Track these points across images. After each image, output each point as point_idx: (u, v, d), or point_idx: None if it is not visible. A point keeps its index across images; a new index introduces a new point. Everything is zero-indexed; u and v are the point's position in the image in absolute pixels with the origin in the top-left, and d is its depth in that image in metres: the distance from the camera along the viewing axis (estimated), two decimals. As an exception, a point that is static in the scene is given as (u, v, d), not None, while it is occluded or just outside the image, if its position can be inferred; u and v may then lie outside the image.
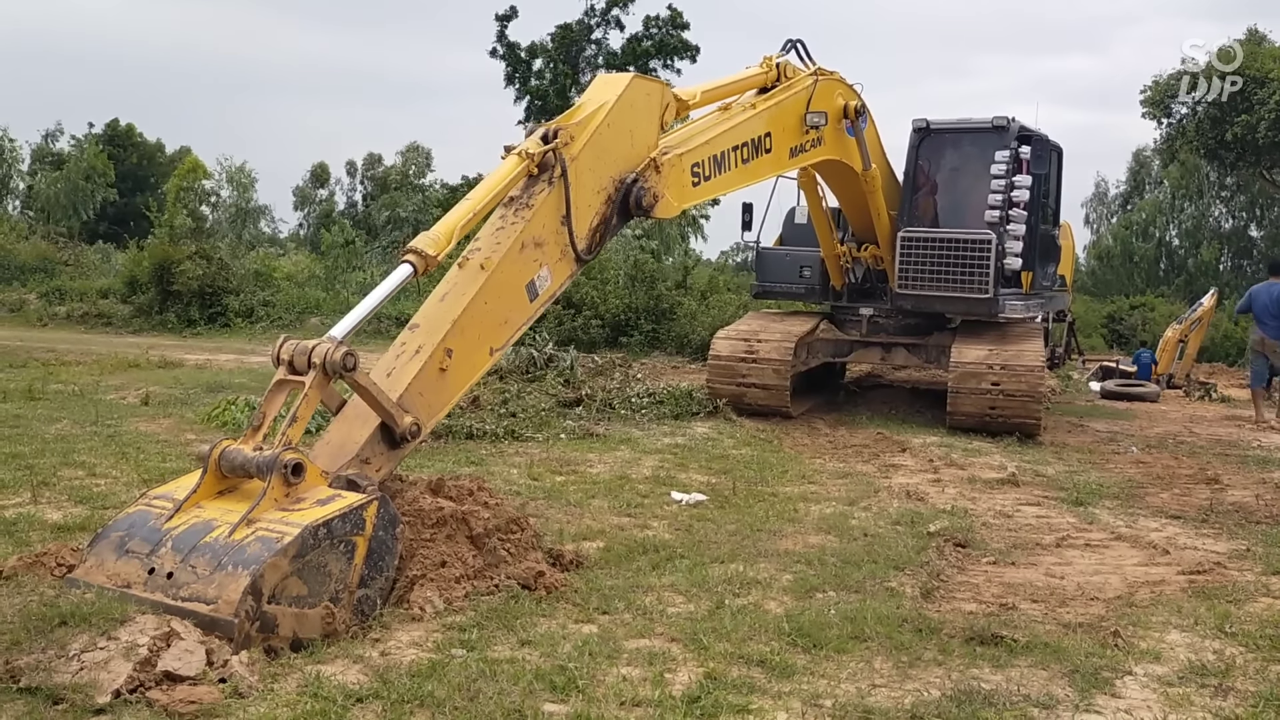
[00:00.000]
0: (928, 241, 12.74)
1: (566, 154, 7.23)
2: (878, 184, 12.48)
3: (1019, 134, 12.63)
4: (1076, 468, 10.63)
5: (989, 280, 12.37)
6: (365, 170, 58.83)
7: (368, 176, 58.54)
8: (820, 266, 14.09)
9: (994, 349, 12.22)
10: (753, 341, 12.95)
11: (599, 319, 20.86)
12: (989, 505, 8.68)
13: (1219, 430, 13.43)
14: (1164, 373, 29.66)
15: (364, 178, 59.09)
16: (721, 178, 9.35)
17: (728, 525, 7.63)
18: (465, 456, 9.74)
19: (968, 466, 10.41)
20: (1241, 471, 10.62)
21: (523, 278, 7.05)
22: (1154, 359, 29.79)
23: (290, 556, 4.96)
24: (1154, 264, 64.30)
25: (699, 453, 10.63)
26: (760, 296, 15.12)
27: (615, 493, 8.55)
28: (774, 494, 8.82)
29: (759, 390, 12.77)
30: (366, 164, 58.78)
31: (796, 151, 10.73)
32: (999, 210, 12.32)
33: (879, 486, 9.26)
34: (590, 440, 10.99)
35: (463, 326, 6.56)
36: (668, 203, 8.47)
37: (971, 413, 12.08)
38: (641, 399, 12.96)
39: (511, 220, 7.10)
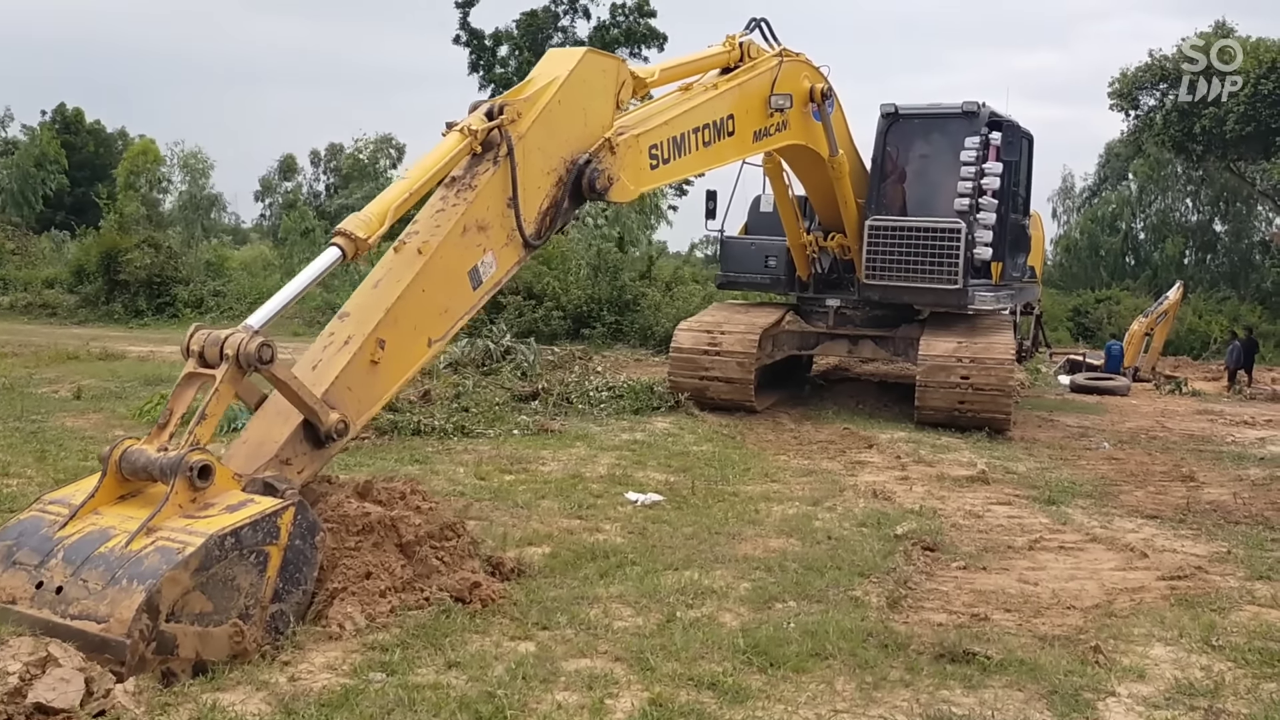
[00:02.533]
0: (896, 230, 12.37)
1: (513, 131, 6.76)
2: (845, 170, 12.08)
3: (989, 120, 12.29)
4: (1048, 464, 10.31)
5: (958, 271, 12.02)
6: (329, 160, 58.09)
7: (330, 167, 57.78)
8: (786, 256, 13.69)
9: (963, 341, 11.88)
10: (716, 333, 12.53)
11: (560, 310, 20.38)
12: (958, 505, 8.31)
13: (1191, 425, 13.19)
14: (1130, 365, 29.78)
15: (326, 168, 58.33)
16: (681, 161, 8.90)
17: (684, 528, 7.20)
18: (410, 454, 9.25)
19: (936, 463, 10.05)
20: (1217, 468, 10.34)
21: (464, 263, 6.58)
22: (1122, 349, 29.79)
23: (192, 569, 4.48)
24: (1120, 257, 64.58)
25: (658, 449, 10.20)
26: (724, 287, 14.70)
27: (567, 493, 8.10)
28: (735, 493, 8.41)
29: (722, 384, 12.36)
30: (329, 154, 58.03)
31: (760, 135, 10.30)
32: (969, 198, 11.97)
33: (844, 485, 8.87)
34: (545, 437, 10.53)
35: (397, 315, 6.09)
36: (623, 186, 8.01)
37: (940, 407, 11.73)
38: (600, 393, 12.51)
39: (453, 202, 6.62)
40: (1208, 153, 31.80)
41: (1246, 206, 62.45)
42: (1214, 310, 51.54)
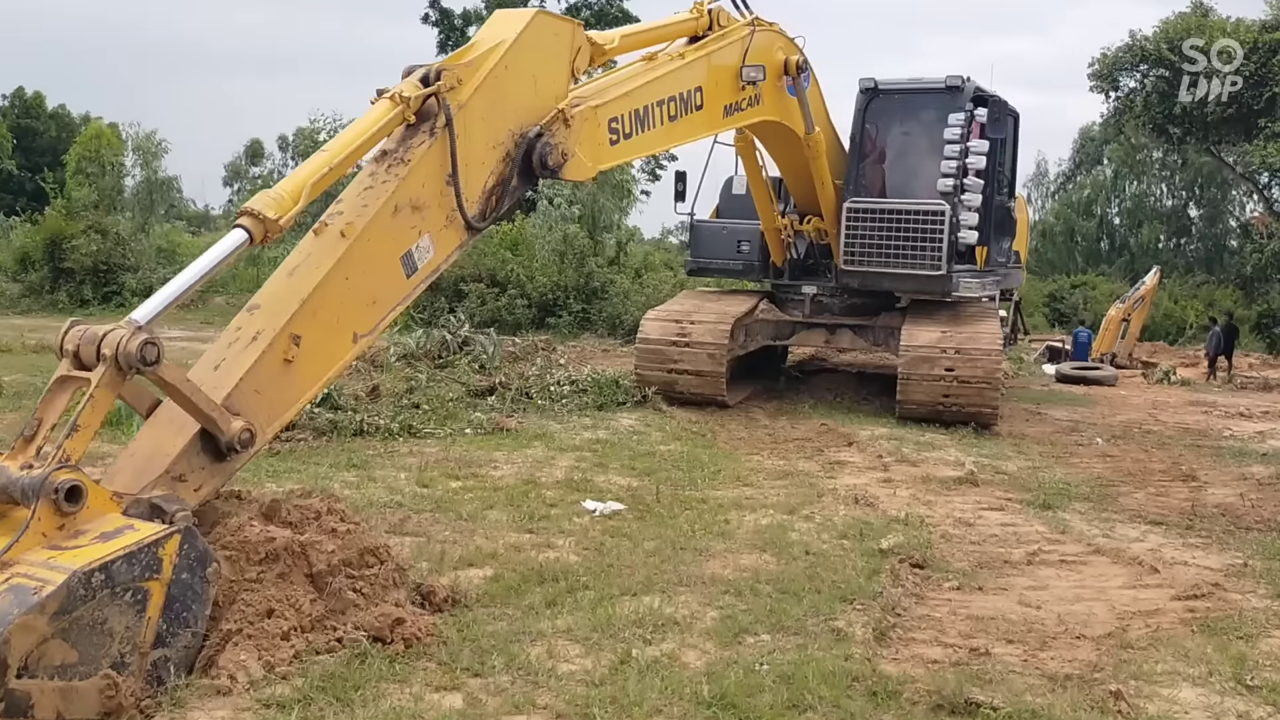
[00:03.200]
0: (875, 213, 11.70)
1: (452, 100, 6.00)
2: (821, 149, 11.39)
3: (974, 95, 11.62)
4: (1039, 463, 9.68)
5: (942, 256, 11.37)
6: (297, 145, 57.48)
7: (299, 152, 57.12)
8: (760, 241, 13.00)
9: (947, 331, 11.24)
10: (685, 323, 11.82)
11: (525, 298, 19.59)
12: (947, 511, 7.66)
13: (1185, 417, 12.62)
14: (1107, 351, 29.41)
15: (295, 153, 57.67)
16: (645, 136, 8.15)
17: (647, 542, 6.50)
18: (348, 458, 8.48)
19: (920, 463, 9.40)
20: (1218, 466, 9.75)
21: (396, 247, 5.83)
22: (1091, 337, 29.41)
23: (50, 612, 3.75)
24: (1095, 243, 64.62)
25: (622, 449, 9.49)
26: (695, 274, 14.00)
27: (518, 502, 7.38)
28: (703, 500, 7.71)
29: (691, 377, 11.65)
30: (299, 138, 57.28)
31: (731, 110, 9.57)
32: (953, 179, 11.31)
33: (823, 489, 8.19)
34: (499, 436, 9.79)
35: (315, 307, 5.34)
36: (579, 163, 7.26)
37: (923, 401, 11.09)
38: (562, 387, 11.77)
39: (383, 179, 5.87)
40: (1188, 135, 31.34)
41: (1221, 191, 62.59)
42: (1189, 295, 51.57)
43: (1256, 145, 26.37)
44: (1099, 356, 29.24)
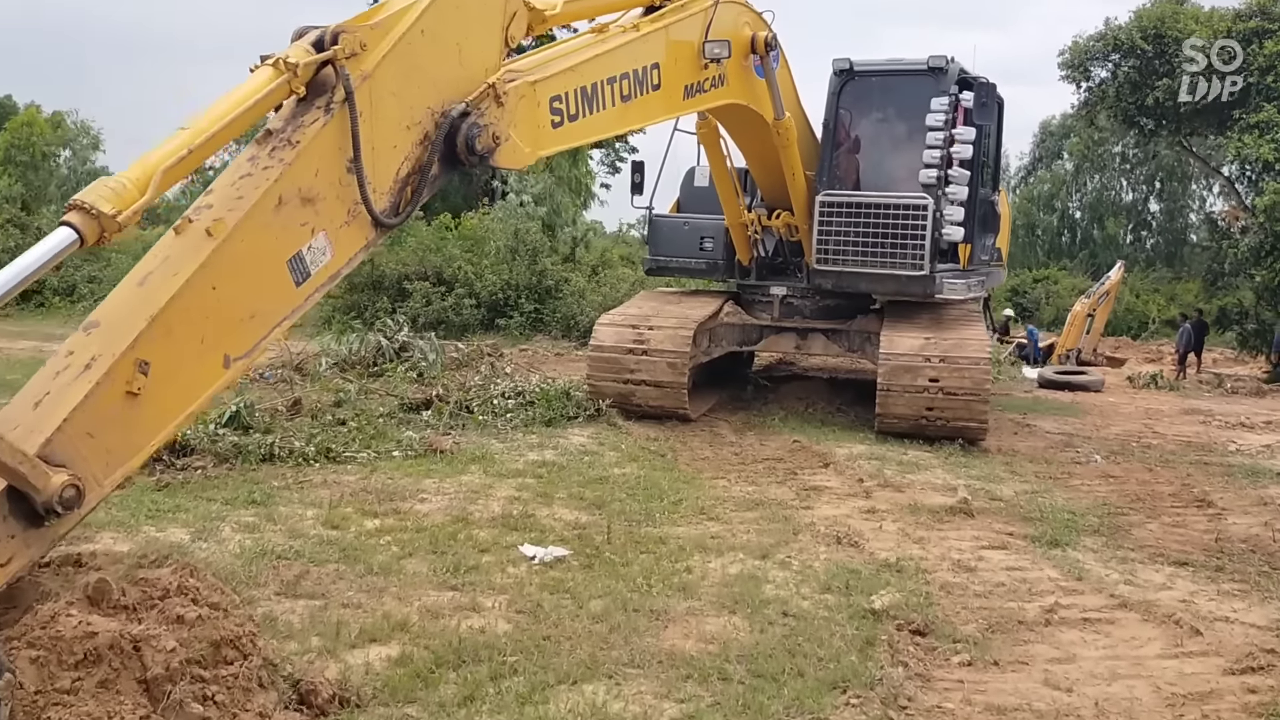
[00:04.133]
0: (851, 207, 10.72)
1: (354, 69, 4.91)
2: (792, 137, 10.38)
3: (959, 77, 10.67)
4: (1036, 486, 8.75)
5: (924, 254, 10.41)
6: None
7: None
8: (725, 238, 12.00)
9: (931, 337, 10.28)
10: (643, 329, 10.78)
11: (473, 298, 18.43)
12: (942, 550, 6.68)
13: (1184, 428, 11.78)
14: (1073, 348, 28.88)
15: None
16: (594, 118, 7.08)
17: (593, 600, 5.45)
18: (248, 492, 7.34)
19: (906, 487, 8.43)
20: (1232, 487, 8.88)
21: (282, 249, 4.73)
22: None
23: None
24: (1056, 237, 64.62)
25: (570, 474, 8.43)
26: (654, 273, 12.95)
27: (444, 547, 6.29)
28: (661, 540, 6.67)
29: (650, 389, 10.61)
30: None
31: (693, 91, 8.53)
32: (936, 169, 10.35)
33: (799, 524, 7.18)
34: (431, 460, 8.68)
35: (171, 325, 4.24)
36: (515, 147, 6.18)
37: (905, 415, 10.13)
38: (507, 400, 10.68)
39: (264, 164, 4.76)
40: (1160, 127, 30.75)
41: (1182, 185, 62.77)
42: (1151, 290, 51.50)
43: (1231, 137, 25.73)
44: (1064, 353, 28.74)
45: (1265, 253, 24.04)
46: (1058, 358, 28.35)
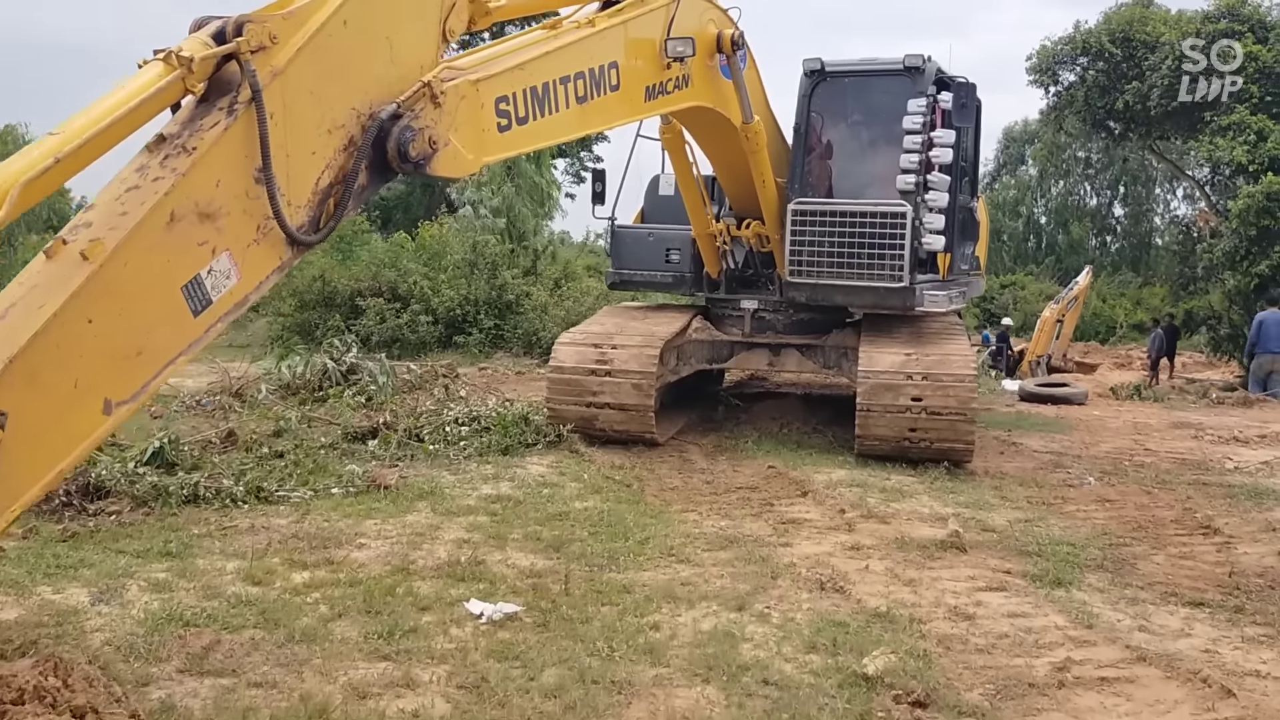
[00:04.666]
0: (825, 216, 10.14)
1: (262, 65, 4.28)
2: (762, 141, 9.80)
3: (936, 77, 10.12)
4: (1029, 513, 8.17)
5: (903, 264, 9.85)
6: None
7: None
8: (692, 249, 11.39)
9: (912, 353, 9.70)
10: (606, 348, 10.12)
11: (430, 314, 17.69)
12: (936, 594, 6.07)
13: (1176, 443, 11.26)
14: (1043, 354, 28.62)
15: None
16: (547, 121, 6.45)
17: (548, 669, 4.79)
18: (164, 541, 6.60)
19: (891, 518, 7.82)
20: (1236, 511, 8.34)
21: (175, 274, 4.08)
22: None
23: None
24: (1023, 242, 64.94)
25: (527, 510, 7.76)
26: (617, 287, 12.31)
27: (379, 605, 5.60)
28: (626, 588, 6.01)
29: (615, 412, 9.94)
30: None
31: (655, 93, 7.92)
32: (915, 175, 9.79)
33: (778, 565, 6.55)
34: (374, 497, 7.98)
35: (35, 367, 3.60)
36: (456, 153, 5.55)
37: (886, 437, 9.53)
38: (460, 426, 9.97)
39: (155, 175, 4.10)
40: (1129, 131, 30.58)
41: (1146, 189, 63.18)
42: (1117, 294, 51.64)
43: (1203, 140, 25.53)
44: (1035, 360, 28.47)
45: (1240, 256, 23.84)
46: (1028, 364, 28.09)
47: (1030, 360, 28.21)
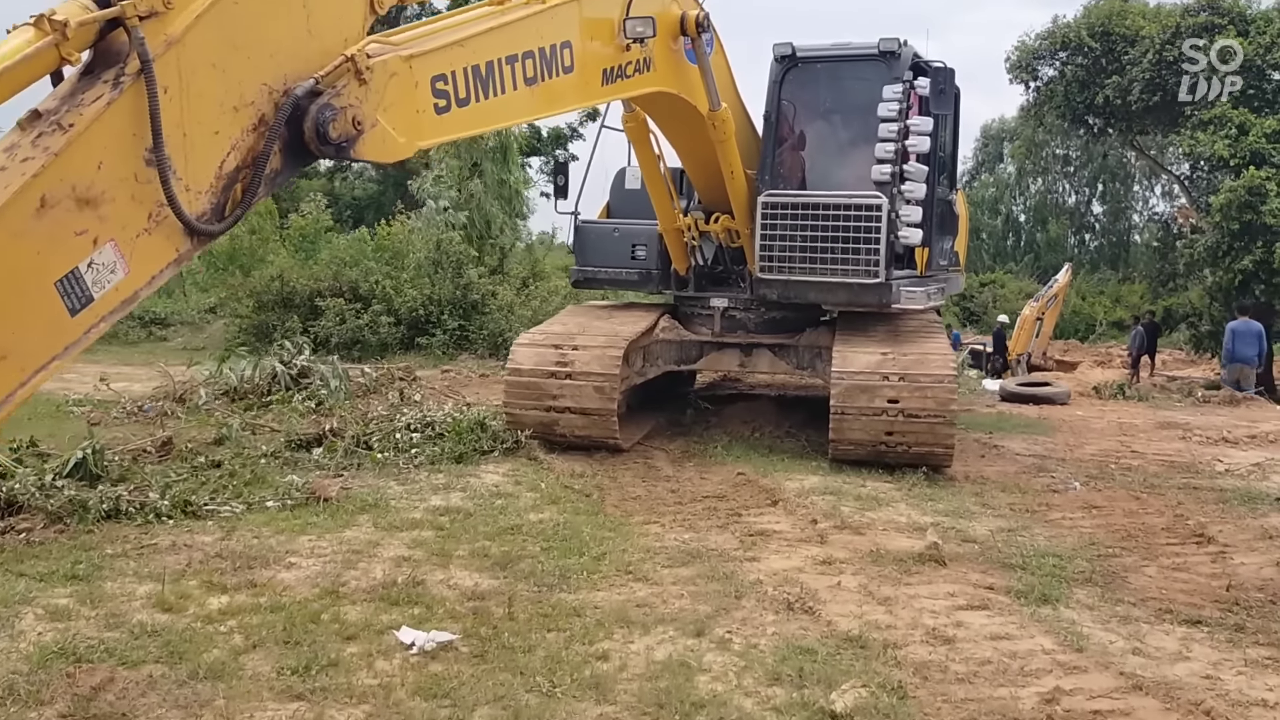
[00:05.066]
0: (797, 209, 9.68)
1: (153, 34, 3.76)
2: (730, 130, 9.33)
3: (913, 63, 9.68)
4: (1012, 521, 7.73)
5: (879, 260, 9.39)
6: None
7: None
8: (659, 245, 10.91)
9: (889, 353, 9.25)
10: (567, 349, 9.62)
11: (392, 314, 17.13)
12: (913, 614, 5.61)
13: (1163, 445, 10.86)
14: (1023, 352, 28.37)
15: None
16: (491, 103, 5.95)
17: (478, 712, 4.31)
18: (72, 562, 6.05)
19: (866, 528, 7.37)
20: (1229, 516, 7.93)
21: (47, 266, 3.58)
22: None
23: None
24: (1002, 240, 65.04)
25: (477, 523, 7.26)
26: (581, 285, 11.82)
27: (300, 634, 5.09)
28: (576, 611, 5.53)
29: (576, 417, 9.45)
30: None
31: (613, 76, 7.43)
32: (891, 165, 9.35)
33: (743, 583, 6.08)
34: (312, 510, 7.45)
35: None
36: (385, 136, 5.06)
37: (861, 441, 9.08)
38: (412, 432, 9.45)
39: (25, 155, 3.58)
40: (1109, 126, 30.32)
41: (1124, 186, 63.28)
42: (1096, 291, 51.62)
43: (1184, 134, 25.27)
44: (1015, 358, 28.20)
45: (1223, 252, 23.57)
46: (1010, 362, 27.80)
47: (1011, 358, 27.95)
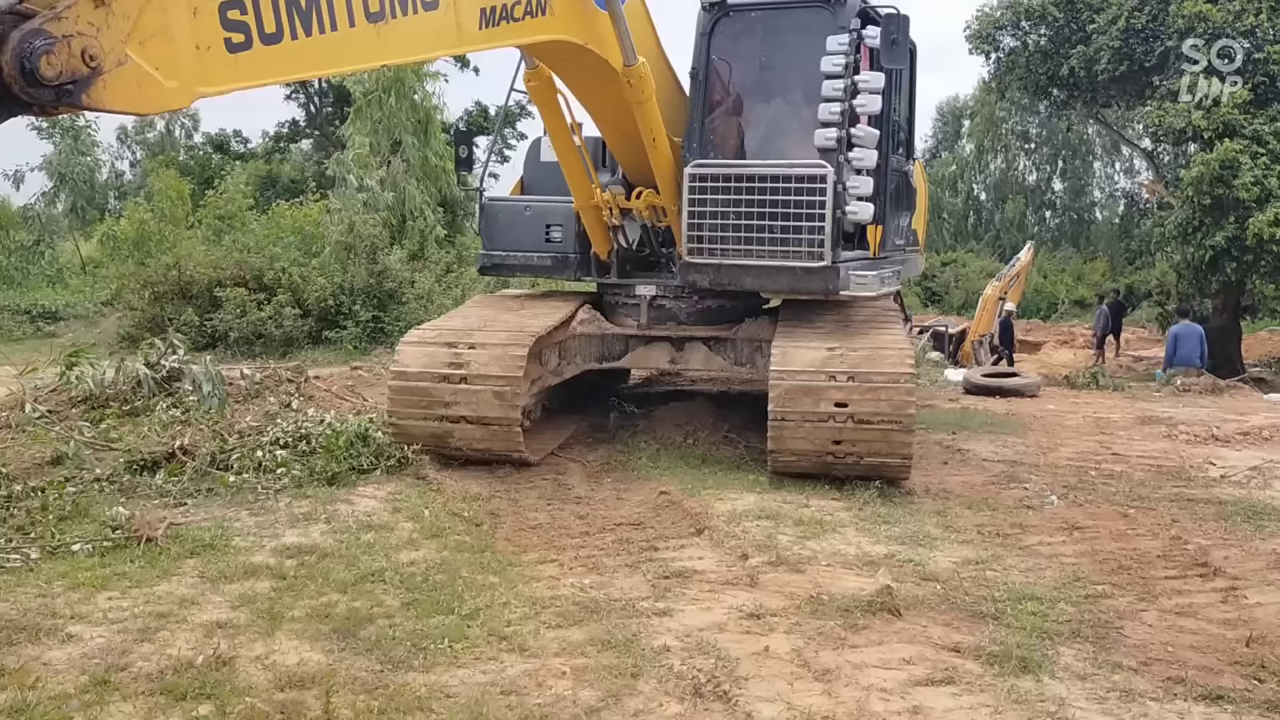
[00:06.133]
0: (729, 181, 8.41)
1: None
2: (649, 90, 8.05)
3: (861, 10, 8.44)
4: (980, 550, 6.55)
5: (825, 239, 8.16)
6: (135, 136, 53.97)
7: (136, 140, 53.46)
8: (577, 225, 9.63)
9: (836, 347, 8.04)
10: (462, 347, 8.30)
11: (298, 306, 15.68)
12: (858, 698, 4.39)
13: (1147, 444, 9.75)
14: (986, 333, 27.45)
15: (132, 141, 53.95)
16: (315, 42, 4.65)
17: None
18: None
19: (806, 564, 6.15)
20: (1234, 537, 6.81)
21: None
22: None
23: None
24: (962, 219, 64.50)
25: (333, 567, 5.96)
26: (488, 272, 10.50)
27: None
28: (420, 702, 4.26)
29: (472, 428, 8.13)
30: (137, 127, 54.01)
31: (495, 18, 6.12)
32: (837, 129, 8.11)
33: (645, 652, 4.83)
34: (129, 553, 6.10)
35: None
36: (143, 79, 3.83)
37: (805, 451, 7.86)
38: (274, 450, 8.09)
39: None
40: (1072, 98, 29.34)
41: (1085, 164, 62.84)
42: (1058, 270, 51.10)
43: (1151, 106, 24.31)
44: (977, 339, 27.26)
45: (1193, 229, 22.66)
46: (970, 345, 26.91)
47: (973, 340, 27.01)
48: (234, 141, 47.56)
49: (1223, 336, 24.34)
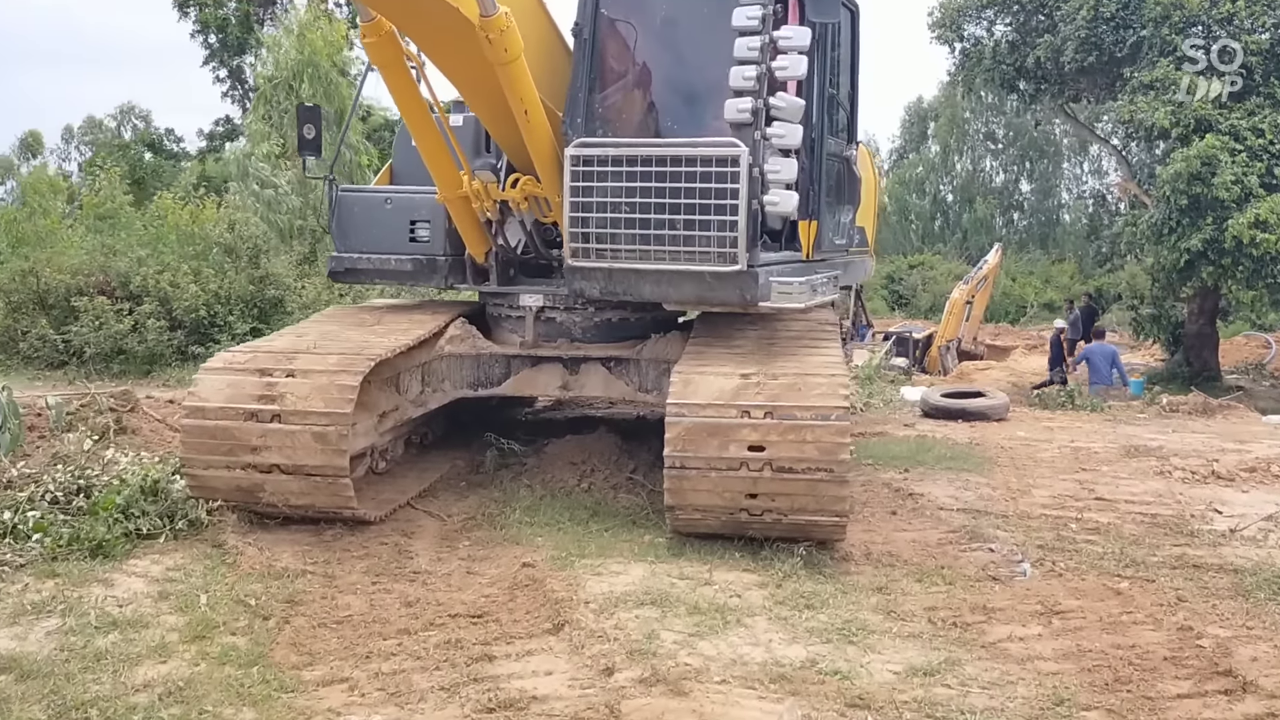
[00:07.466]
0: (620, 164, 6.74)
1: None
2: (516, 49, 6.39)
3: (784, -47, 6.80)
4: (931, 653, 4.93)
5: (739, 235, 6.51)
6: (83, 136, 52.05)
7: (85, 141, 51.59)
8: (448, 222, 7.96)
9: (753, 373, 6.41)
10: (278, 374, 6.58)
11: (168, 318, 13.85)
12: None
13: (1135, 485, 8.17)
14: (952, 338, 26.27)
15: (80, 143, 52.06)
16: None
17: None
18: None
19: (690, 683, 4.50)
20: (1259, 623, 5.23)
21: None
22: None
23: None
24: (930, 221, 63.70)
25: (34, 690, 4.26)
26: (340, 278, 8.75)
27: None
28: None
29: (288, 479, 6.41)
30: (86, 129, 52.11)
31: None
32: (753, 98, 6.46)
33: None
34: None
35: None
36: None
37: (711, 507, 6.22)
38: (47, 504, 6.34)
39: None
40: (1042, 92, 28.05)
41: (1053, 164, 62.10)
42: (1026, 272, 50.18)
43: (1123, 99, 23.05)
44: (945, 344, 26.05)
45: (1168, 230, 21.36)
46: (937, 349, 25.75)
47: (939, 345, 25.76)
48: (167, 140, 45.77)
49: (1200, 343, 23.17)
